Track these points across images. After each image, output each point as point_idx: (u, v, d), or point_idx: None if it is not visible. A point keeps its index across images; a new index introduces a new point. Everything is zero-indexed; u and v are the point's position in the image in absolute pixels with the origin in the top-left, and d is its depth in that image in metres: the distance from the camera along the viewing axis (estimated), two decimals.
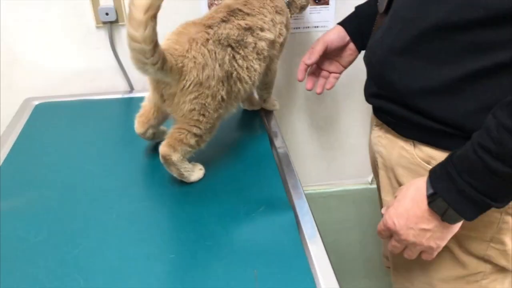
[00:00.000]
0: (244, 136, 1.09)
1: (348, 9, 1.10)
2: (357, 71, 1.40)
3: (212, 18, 0.90)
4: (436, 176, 0.73)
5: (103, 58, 1.28)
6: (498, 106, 0.65)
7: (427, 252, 0.79)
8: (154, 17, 0.72)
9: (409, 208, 0.76)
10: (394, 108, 0.83)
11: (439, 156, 0.78)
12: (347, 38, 1.07)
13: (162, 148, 0.88)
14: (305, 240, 0.78)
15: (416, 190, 0.75)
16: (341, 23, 1.09)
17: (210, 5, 1.22)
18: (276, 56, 1.04)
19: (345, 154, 1.58)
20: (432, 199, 0.73)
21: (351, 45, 1.09)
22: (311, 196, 1.42)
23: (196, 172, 0.92)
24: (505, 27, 0.67)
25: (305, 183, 1.56)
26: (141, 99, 0.99)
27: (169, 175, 0.91)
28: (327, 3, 1.27)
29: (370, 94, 0.91)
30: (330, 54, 1.10)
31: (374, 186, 1.66)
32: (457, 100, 0.74)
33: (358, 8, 1.09)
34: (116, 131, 1.11)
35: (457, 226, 0.76)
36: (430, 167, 0.76)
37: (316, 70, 1.14)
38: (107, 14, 1.20)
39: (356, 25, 1.07)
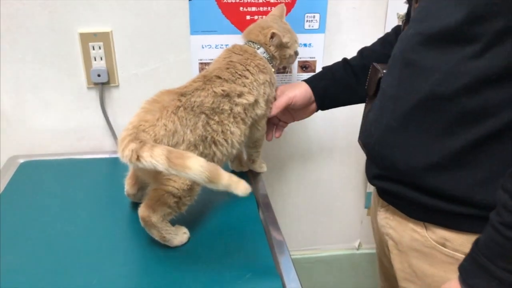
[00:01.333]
0: (230, 198, 1.07)
1: None
2: (342, 135, 1.44)
3: (187, 87, 0.92)
4: (467, 272, 0.68)
5: (92, 118, 1.28)
6: (505, 179, 0.64)
7: None
8: None
9: None
10: (400, 190, 0.80)
11: (454, 237, 0.76)
12: (312, 98, 1.08)
13: (141, 210, 0.87)
14: None
15: None
16: (307, 82, 1.09)
17: (201, 70, 1.26)
18: (263, 115, 1.03)
19: (332, 218, 1.57)
20: None
21: (313, 105, 1.10)
22: (297, 261, 1.39)
23: (179, 236, 0.90)
24: (492, 91, 0.68)
25: (292, 248, 1.53)
26: None
27: (152, 238, 0.89)
28: (314, 71, 1.31)
29: (373, 176, 0.88)
30: (289, 108, 1.09)
31: (361, 251, 1.64)
32: (463, 171, 0.72)
33: (325, 69, 1.10)
34: (102, 191, 1.10)
35: None
36: (446, 250, 0.74)
37: None
38: (99, 75, 1.22)
39: (323, 86, 1.08)
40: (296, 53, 1.12)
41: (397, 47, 0.82)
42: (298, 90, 1.07)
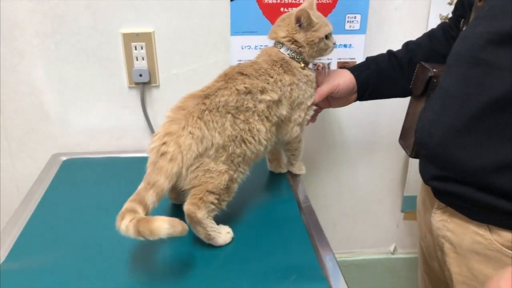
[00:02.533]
0: (271, 199, 1.07)
1: None
2: (379, 138, 1.42)
3: (210, 87, 0.92)
4: None
5: (133, 117, 1.30)
6: None
7: None
8: None
9: None
10: (464, 191, 0.79)
11: None
12: (355, 88, 1.06)
13: (187, 207, 0.87)
14: None
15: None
16: (351, 70, 1.06)
17: None
18: (288, 116, 1.00)
19: (368, 222, 1.55)
20: None
21: (354, 95, 1.07)
22: None
23: (223, 235, 0.90)
24: None
25: None
26: None
27: (197, 238, 0.89)
28: None
29: (431, 177, 0.86)
30: (329, 96, 1.07)
31: (396, 256, 1.62)
32: None
33: (369, 59, 1.08)
34: None
35: None
36: None
37: None
38: (140, 75, 1.23)
39: (366, 76, 1.05)
40: (329, 39, 1.03)
41: (460, 45, 0.80)
42: (342, 78, 1.05)
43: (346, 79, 1.05)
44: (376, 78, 1.05)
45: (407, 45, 1.07)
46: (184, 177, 0.86)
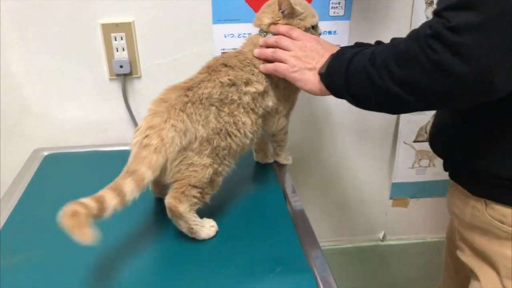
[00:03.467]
0: (257, 190, 1.06)
1: None
2: (370, 126, 1.41)
3: (193, 79, 0.90)
4: None
5: (115, 109, 1.28)
6: None
7: None
8: None
9: None
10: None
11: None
12: None
13: (168, 200, 0.86)
14: None
15: None
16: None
17: None
18: (275, 108, 0.98)
19: (356, 209, 1.55)
20: None
21: None
22: None
23: (207, 228, 0.89)
24: None
25: None
26: None
27: (180, 232, 0.88)
28: None
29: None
30: None
31: (385, 243, 1.62)
32: None
33: (357, 44, 1.04)
34: None
35: None
36: (505, 226, 0.75)
37: None
38: (121, 66, 1.21)
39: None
40: (316, 30, 1.01)
41: None
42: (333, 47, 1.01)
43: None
44: None
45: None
46: (167, 171, 0.84)
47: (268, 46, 0.95)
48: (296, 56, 0.91)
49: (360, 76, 0.77)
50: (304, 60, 0.90)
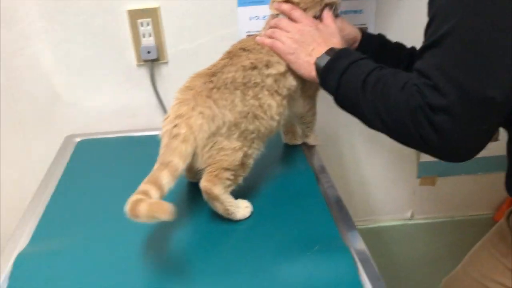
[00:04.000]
0: (287, 171, 1.06)
1: None
2: None
3: (215, 65, 0.91)
4: None
5: (143, 95, 1.29)
6: None
7: None
8: None
9: None
10: None
11: None
12: (356, 45, 1.03)
13: (203, 184, 0.87)
14: (366, 281, 0.75)
15: None
16: (363, 33, 1.04)
17: None
18: (300, 86, 0.97)
19: (384, 189, 1.55)
20: None
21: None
22: None
23: (242, 209, 0.90)
24: None
25: None
26: None
27: (215, 214, 0.89)
28: None
29: None
30: None
31: (413, 222, 1.62)
32: None
33: (381, 37, 1.06)
34: None
35: None
36: None
37: None
38: (148, 52, 1.22)
39: (372, 46, 1.03)
40: (333, 9, 0.97)
41: None
42: (353, 29, 1.03)
43: (355, 31, 1.03)
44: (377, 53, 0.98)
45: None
46: (199, 158, 0.85)
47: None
48: (293, 38, 0.92)
49: (350, 95, 0.82)
50: (301, 44, 0.91)
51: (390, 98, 0.75)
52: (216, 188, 0.86)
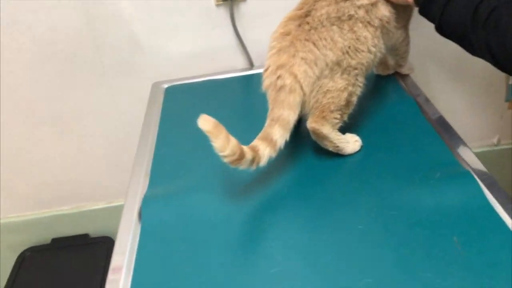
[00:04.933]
0: (387, 102, 1.04)
1: None
2: None
3: (305, 2, 0.86)
4: None
5: (223, 36, 1.27)
6: None
7: None
8: None
9: None
10: None
11: None
12: None
13: (311, 125, 0.86)
14: (496, 204, 0.74)
15: None
16: None
17: None
18: (393, 17, 0.92)
19: (470, 115, 1.49)
20: None
21: None
22: None
23: (352, 144, 0.90)
24: None
25: None
26: (261, 75, 0.91)
27: (320, 148, 0.89)
28: None
29: None
30: None
31: (500, 147, 1.57)
32: None
33: None
34: (246, 108, 1.11)
35: None
36: None
37: None
38: None
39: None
40: None
41: None
42: None
43: None
44: None
45: None
46: (306, 104, 0.85)
47: None
48: None
49: (456, 24, 0.78)
50: None
51: (506, 38, 0.69)
52: (324, 128, 0.86)
